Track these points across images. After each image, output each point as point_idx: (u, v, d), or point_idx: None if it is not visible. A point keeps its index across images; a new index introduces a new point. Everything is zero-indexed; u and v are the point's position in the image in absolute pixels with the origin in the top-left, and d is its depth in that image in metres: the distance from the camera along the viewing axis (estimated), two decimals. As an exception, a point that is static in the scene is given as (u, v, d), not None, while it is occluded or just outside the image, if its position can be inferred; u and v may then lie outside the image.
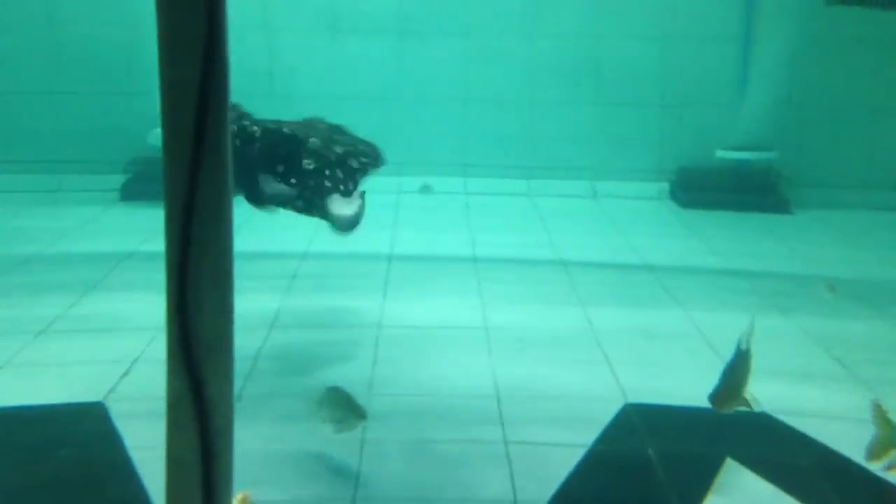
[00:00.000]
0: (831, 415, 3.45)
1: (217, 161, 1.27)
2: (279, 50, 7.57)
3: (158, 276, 5.01)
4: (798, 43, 7.23)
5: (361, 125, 7.59)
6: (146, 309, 4.45)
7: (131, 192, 7.02)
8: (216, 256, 1.33)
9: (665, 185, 7.74)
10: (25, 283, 4.94)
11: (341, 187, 3.79)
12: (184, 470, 1.36)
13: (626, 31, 7.63)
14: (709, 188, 7.49)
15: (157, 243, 5.27)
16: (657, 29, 7.62)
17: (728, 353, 4.02)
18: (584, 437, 3.22)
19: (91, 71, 7.17)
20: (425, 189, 7.49)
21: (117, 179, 7.11)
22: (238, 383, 3.59)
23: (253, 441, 3.12)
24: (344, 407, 3.02)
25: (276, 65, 7.56)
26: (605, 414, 3.42)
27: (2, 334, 4.08)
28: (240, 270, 4.65)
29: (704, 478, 2.93)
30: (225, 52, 1.29)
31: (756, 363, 3.89)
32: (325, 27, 7.60)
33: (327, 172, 3.80)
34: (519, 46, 7.67)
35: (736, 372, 2.71)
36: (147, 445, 2.99)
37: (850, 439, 3.13)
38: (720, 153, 7.51)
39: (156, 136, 7.04)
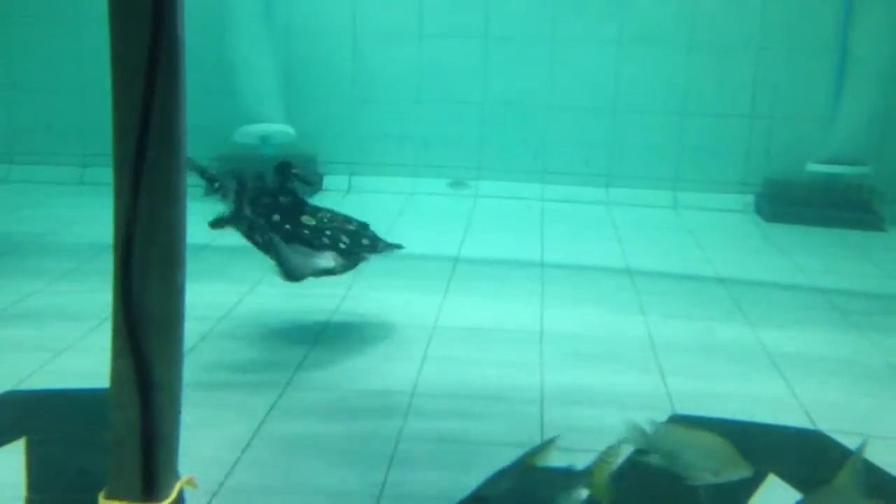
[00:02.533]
0: (891, 436, 3.26)
1: (168, 138, 1.28)
2: (363, 53, 7.67)
3: (229, 267, 5.20)
4: (895, 54, 6.90)
5: (442, 130, 7.70)
6: (211, 299, 4.58)
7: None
8: (166, 235, 1.34)
9: (750, 198, 7.49)
10: (104, 269, 5.12)
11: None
12: (125, 451, 1.36)
13: (717, 41, 7.43)
14: (797, 202, 7.21)
15: (232, 237, 5.45)
16: (749, 39, 7.39)
17: (791, 368, 3.89)
18: (624, 446, 3.13)
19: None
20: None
21: (203, 175, 7.33)
22: (288, 374, 3.68)
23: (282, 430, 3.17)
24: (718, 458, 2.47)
25: (360, 68, 7.66)
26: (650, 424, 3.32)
27: (72, 318, 4.25)
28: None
29: (742, 493, 2.80)
30: (175, 27, 1.29)
31: (820, 381, 3.77)
32: (411, 31, 7.66)
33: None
34: (605, 53, 7.55)
35: None
36: (190, 427, 3.06)
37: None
38: (811, 166, 7.21)
39: (242, 133, 7.28)
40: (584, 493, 2.22)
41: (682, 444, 2.49)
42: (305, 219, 4.04)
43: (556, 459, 2.31)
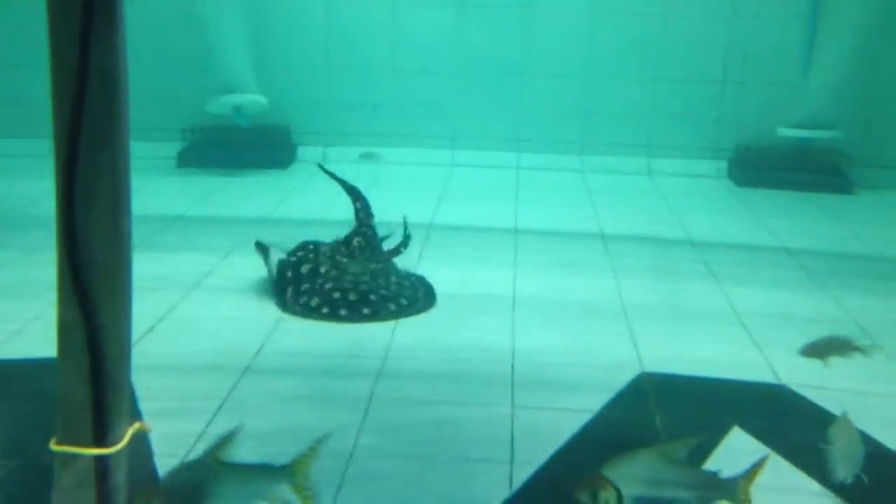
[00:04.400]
0: (855, 390, 3.33)
1: (108, 82, 1.27)
2: (337, 20, 7.60)
3: (200, 239, 5.19)
4: (866, 19, 6.93)
5: (416, 97, 7.67)
6: (181, 269, 4.58)
7: (187, 160, 7.19)
8: (109, 181, 1.33)
9: (723, 164, 7.54)
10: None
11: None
12: (75, 399, 1.37)
13: (691, 7, 7.43)
14: (768, 167, 7.27)
15: (206, 208, 5.44)
16: (722, 5, 7.40)
17: (758, 326, 3.95)
18: (593, 404, 3.18)
19: (152, 40, 7.29)
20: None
21: (175, 147, 7.30)
22: (261, 339, 3.69)
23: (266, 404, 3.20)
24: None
25: (333, 35, 7.60)
26: (619, 382, 3.37)
27: (43, 289, 4.20)
28: (294, 233, 4.58)
29: (707, 446, 2.86)
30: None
31: (786, 338, 3.84)
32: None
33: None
34: (580, 20, 7.53)
35: None
36: (157, 397, 3.09)
37: (866, 413, 3.03)
38: (782, 131, 7.26)
39: (214, 104, 7.22)
40: (286, 489, 2.07)
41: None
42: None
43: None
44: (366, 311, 4.04)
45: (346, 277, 4.26)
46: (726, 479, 2.17)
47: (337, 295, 4.12)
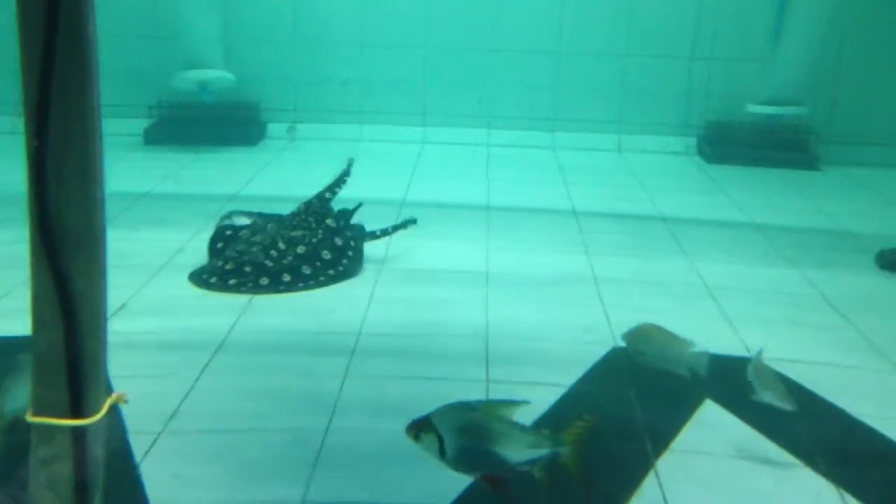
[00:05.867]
0: (822, 361, 3.39)
1: (76, 47, 1.24)
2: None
3: (168, 216, 5.12)
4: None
5: (386, 73, 7.61)
6: (149, 246, 4.53)
7: (155, 137, 7.09)
8: (80, 147, 1.30)
9: (693, 140, 7.59)
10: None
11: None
12: (49, 368, 1.35)
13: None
14: (737, 143, 7.34)
15: (174, 185, 5.32)
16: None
17: (728, 300, 3.99)
18: (566, 378, 3.20)
19: (116, 14, 7.14)
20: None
21: (141, 124, 7.19)
22: (234, 317, 3.66)
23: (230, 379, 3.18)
24: None
25: (300, 8, 7.51)
26: (592, 356, 3.40)
27: (8, 266, 4.15)
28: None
29: (679, 418, 2.89)
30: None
31: (755, 311, 3.89)
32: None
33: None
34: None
35: None
36: (124, 374, 3.04)
37: (832, 384, 3.08)
38: (750, 107, 7.32)
39: (180, 79, 7.11)
40: None
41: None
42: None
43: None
44: (232, 281, 4.02)
45: (238, 246, 4.23)
46: (552, 436, 2.13)
47: (220, 263, 4.12)
